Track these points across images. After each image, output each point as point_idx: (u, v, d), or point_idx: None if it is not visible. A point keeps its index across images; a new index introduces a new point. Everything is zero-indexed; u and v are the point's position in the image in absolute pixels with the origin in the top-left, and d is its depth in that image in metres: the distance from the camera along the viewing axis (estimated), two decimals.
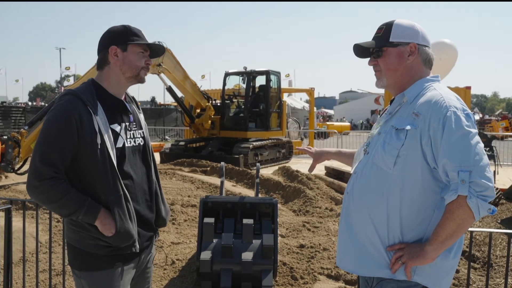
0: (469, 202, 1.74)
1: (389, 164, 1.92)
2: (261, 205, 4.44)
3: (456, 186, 1.76)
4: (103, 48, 2.29)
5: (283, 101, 16.16)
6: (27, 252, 4.75)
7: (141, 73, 2.32)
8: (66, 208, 2.12)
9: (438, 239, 1.83)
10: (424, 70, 2.07)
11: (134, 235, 2.23)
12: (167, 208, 2.55)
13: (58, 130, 2.12)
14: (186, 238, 5.83)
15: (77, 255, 2.24)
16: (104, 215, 2.15)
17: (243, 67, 14.45)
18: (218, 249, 4.05)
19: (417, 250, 1.86)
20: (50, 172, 2.09)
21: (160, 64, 12.14)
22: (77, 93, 2.18)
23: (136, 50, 2.29)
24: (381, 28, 2.09)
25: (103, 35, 2.33)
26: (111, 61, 2.28)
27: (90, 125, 2.14)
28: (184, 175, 10.09)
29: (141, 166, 2.39)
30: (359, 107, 53.42)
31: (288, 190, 8.72)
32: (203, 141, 14.72)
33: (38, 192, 2.12)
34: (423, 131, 1.86)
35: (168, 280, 4.50)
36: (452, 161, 1.77)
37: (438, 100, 1.88)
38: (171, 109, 34.16)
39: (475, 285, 4.61)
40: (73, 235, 2.25)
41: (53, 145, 2.11)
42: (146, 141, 2.47)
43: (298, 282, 4.55)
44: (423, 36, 2.05)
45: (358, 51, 2.15)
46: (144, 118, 2.54)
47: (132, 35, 2.28)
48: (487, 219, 7.48)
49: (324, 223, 6.46)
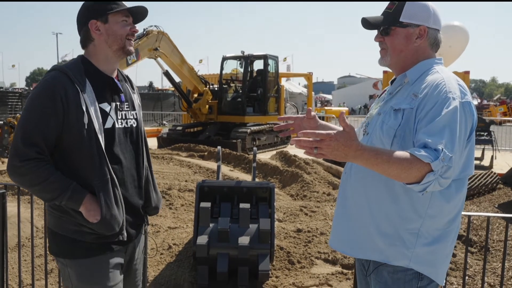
0: (428, 175, 1.67)
1: (386, 144, 1.88)
2: (258, 189, 4.42)
3: (434, 156, 1.66)
4: (82, 25, 2.13)
5: (281, 86, 16.09)
6: (23, 237, 4.73)
7: (127, 44, 2.15)
8: (48, 192, 1.99)
9: (376, 155, 1.67)
10: (429, 53, 2.01)
11: (121, 223, 2.10)
12: (159, 196, 2.42)
13: (41, 108, 1.98)
14: (183, 223, 5.82)
15: (61, 242, 2.11)
16: (89, 201, 2.02)
17: (240, 51, 14.37)
18: (215, 233, 4.03)
19: (347, 143, 1.64)
20: (32, 152, 1.96)
21: (157, 48, 12.05)
22: (64, 69, 2.04)
23: (118, 19, 2.12)
24: (393, 4, 2.00)
25: (79, 11, 2.15)
26: (95, 37, 2.12)
27: (77, 103, 1.99)
28: (182, 160, 10.06)
29: (131, 149, 2.24)
30: (357, 92, 53.22)
31: (286, 175, 8.70)
32: (200, 126, 14.70)
33: (18, 174, 1.99)
34: (418, 110, 1.81)
35: (164, 265, 4.50)
36: (439, 137, 1.69)
37: (439, 83, 1.83)
38: (168, 94, 33.98)
39: (471, 269, 4.62)
40: (55, 220, 2.12)
41: (36, 124, 1.97)
42: (139, 123, 2.31)
43: (295, 267, 4.55)
44: (434, 18, 1.98)
45: (366, 22, 2.07)
46: (138, 99, 2.38)
47: (109, 3, 2.11)
48: (484, 203, 7.50)
49: (321, 208, 6.46)
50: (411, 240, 1.88)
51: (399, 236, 1.89)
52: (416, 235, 1.88)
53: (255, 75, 14.80)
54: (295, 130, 2.32)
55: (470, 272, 4.55)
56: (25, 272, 4.21)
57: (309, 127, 2.28)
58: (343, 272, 4.43)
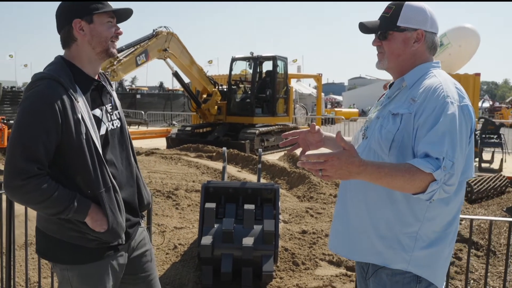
0: (432, 184, 1.69)
1: (384, 149, 1.89)
2: (262, 190, 4.44)
3: (435, 165, 1.69)
4: (65, 23, 2.02)
5: (289, 87, 16.09)
6: (30, 235, 4.79)
7: (110, 46, 2.07)
8: (54, 207, 1.91)
9: (378, 170, 1.70)
10: (427, 57, 2.01)
11: (124, 228, 2.08)
12: (148, 191, 2.38)
13: (40, 121, 1.86)
14: (189, 223, 5.85)
15: (60, 247, 2.03)
16: (94, 211, 1.96)
17: (250, 52, 14.39)
18: (219, 234, 4.06)
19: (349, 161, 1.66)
20: (34, 169, 1.85)
21: (166, 49, 12.12)
22: (56, 77, 1.93)
23: (104, 20, 2.04)
24: (390, 8, 2.01)
25: (60, 7, 2.05)
26: (78, 37, 2.02)
27: (73, 113, 1.91)
28: (190, 160, 10.11)
29: (121, 150, 2.19)
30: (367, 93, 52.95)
31: (293, 176, 8.71)
32: (209, 127, 14.73)
33: (22, 193, 1.87)
34: (416, 116, 1.82)
35: (170, 265, 4.53)
36: (439, 146, 1.72)
37: (437, 88, 1.83)
38: (179, 94, 34.16)
39: (477, 272, 4.60)
40: (52, 226, 2.02)
41: (37, 139, 1.86)
42: (123, 122, 2.25)
43: (299, 268, 4.56)
44: (432, 22, 1.98)
45: (364, 27, 2.09)
46: (116, 96, 2.29)
47: (95, 2, 2.01)
48: (492, 207, 7.45)
49: (327, 209, 6.46)
50: (410, 243, 1.88)
51: (398, 239, 1.89)
52: (414, 239, 1.88)
53: (264, 76, 14.80)
54: (300, 144, 2.32)
55: (475, 275, 4.53)
56: (32, 270, 4.27)
57: (314, 140, 2.28)
58: (347, 274, 4.43)
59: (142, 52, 11.45)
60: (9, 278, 3.61)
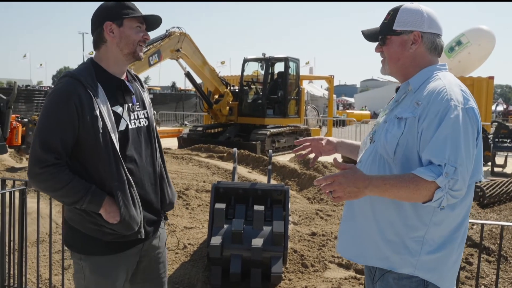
0: (437, 192, 1.71)
1: (390, 153, 1.89)
2: (272, 191, 4.44)
3: (437, 172, 1.70)
4: (97, 25, 2.18)
5: (301, 88, 16.07)
6: (42, 233, 4.86)
7: (138, 49, 2.21)
8: (70, 196, 2.04)
9: (384, 182, 1.75)
10: (430, 58, 2.00)
11: (139, 222, 2.16)
12: (173, 191, 2.46)
13: (57, 115, 2.03)
14: (199, 223, 5.88)
15: (79, 237, 2.17)
16: (108, 203, 2.08)
17: (262, 53, 14.40)
18: (229, 234, 4.07)
19: (355, 176, 1.74)
20: (51, 158, 2.01)
21: (179, 49, 12.19)
22: (76, 75, 2.08)
23: (133, 25, 2.18)
24: (389, 14, 2.03)
25: (95, 12, 2.21)
26: (108, 39, 2.17)
27: (91, 109, 2.05)
28: (201, 161, 10.15)
29: (145, 148, 2.30)
30: (379, 95, 52.68)
31: (304, 178, 8.70)
32: (221, 127, 14.78)
33: (39, 180, 2.05)
34: (420, 119, 1.82)
35: (179, 264, 4.55)
36: (441, 153, 1.72)
37: (441, 91, 1.82)
38: (191, 94, 34.28)
39: (488, 278, 4.55)
40: (75, 217, 2.17)
41: (53, 131, 2.02)
42: (150, 122, 2.37)
43: (308, 270, 4.55)
44: (430, 23, 1.97)
45: (368, 35, 2.10)
46: (148, 97, 2.44)
47: (126, 8, 2.17)
48: (505, 212, 7.36)
49: (337, 212, 6.44)
50: (416, 248, 1.88)
51: (404, 244, 1.89)
52: (421, 243, 1.87)
53: (275, 77, 14.81)
54: (312, 151, 2.43)
55: (486, 281, 4.48)
56: (44, 267, 4.32)
57: (326, 148, 2.43)
58: (356, 277, 4.42)
59: (155, 52, 11.53)
60: (20, 275, 3.66)
